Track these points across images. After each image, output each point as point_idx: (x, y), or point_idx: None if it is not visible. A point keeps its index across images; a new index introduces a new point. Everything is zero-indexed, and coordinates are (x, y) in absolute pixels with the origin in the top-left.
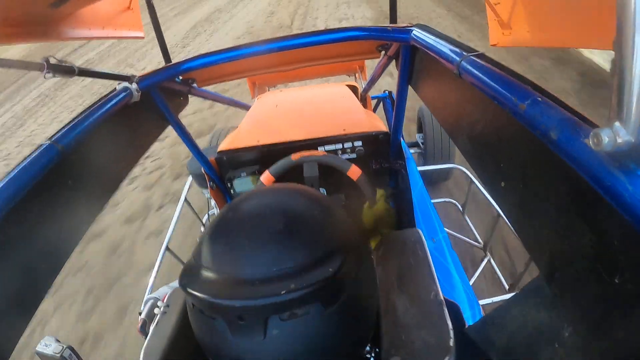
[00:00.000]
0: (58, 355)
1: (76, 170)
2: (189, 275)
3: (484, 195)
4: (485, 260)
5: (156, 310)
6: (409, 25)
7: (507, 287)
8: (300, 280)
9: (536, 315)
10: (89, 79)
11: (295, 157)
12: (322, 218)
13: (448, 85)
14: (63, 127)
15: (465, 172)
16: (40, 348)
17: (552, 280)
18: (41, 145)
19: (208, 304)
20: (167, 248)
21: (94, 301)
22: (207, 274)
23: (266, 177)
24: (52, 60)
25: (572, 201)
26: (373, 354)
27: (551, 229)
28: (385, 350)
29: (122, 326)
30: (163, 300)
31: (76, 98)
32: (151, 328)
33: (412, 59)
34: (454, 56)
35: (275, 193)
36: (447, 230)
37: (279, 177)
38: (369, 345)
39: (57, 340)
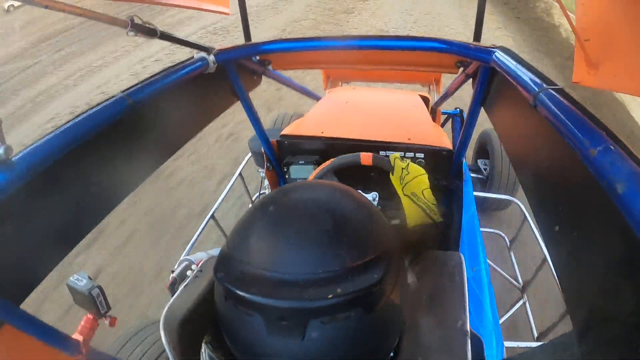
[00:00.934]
0: (86, 292)
1: (142, 125)
2: (227, 267)
3: (534, 234)
4: (521, 303)
5: (188, 273)
6: (492, 46)
7: (536, 335)
8: (346, 285)
9: None
10: None
11: (311, 177)
12: (368, 222)
13: (522, 114)
14: (137, 83)
15: (520, 207)
16: (71, 282)
17: (584, 339)
18: (114, 96)
19: (247, 301)
20: (213, 216)
21: None
22: (247, 267)
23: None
24: (137, 20)
25: (624, 261)
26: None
27: (595, 286)
28: None
29: None
30: (197, 265)
31: None
32: (179, 288)
33: (489, 80)
34: (532, 86)
35: (323, 190)
36: (489, 262)
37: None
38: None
39: (89, 278)
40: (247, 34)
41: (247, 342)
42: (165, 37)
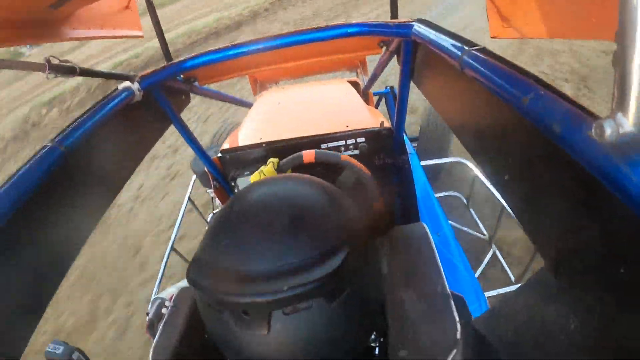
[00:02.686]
0: (67, 358)
1: (80, 171)
2: (196, 270)
3: (488, 188)
4: (491, 253)
5: (164, 310)
6: (410, 20)
7: (513, 278)
8: (303, 276)
9: (542, 307)
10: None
11: (312, 157)
12: (328, 210)
13: (450, 80)
14: (65, 129)
15: (468, 166)
16: (49, 350)
17: (558, 272)
18: (44, 147)
19: (215, 299)
20: (173, 248)
21: None
22: (213, 268)
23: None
24: (54, 61)
25: (576, 193)
26: (378, 344)
27: (556, 221)
28: (392, 345)
29: None
30: (170, 300)
31: None
32: (159, 328)
33: (413, 54)
34: (455, 51)
35: (281, 183)
36: (452, 223)
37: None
38: (374, 334)
39: (66, 343)
40: (167, 54)
41: (225, 339)
42: (85, 72)
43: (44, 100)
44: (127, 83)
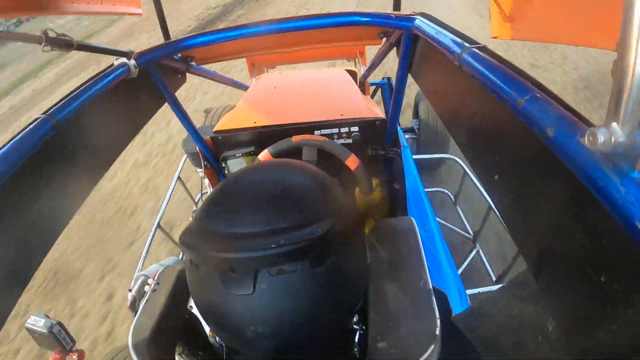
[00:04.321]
0: (47, 331)
1: (71, 144)
2: (189, 233)
3: (477, 186)
4: (474, 252)
5: (146, 288)
6: (413, 13)
7: (494, 278)
8: (289, 237)
9: (522, 307)
10: None
11: (296, 139)
12: (317, 188)
13: (448, 76)
14: (58, 102)
15: (459, 163)
16: (29, 324)
17: (540, 275)
18: (36, 119)
19: (202, 257)
20: (159, 226)
21: None
22: (205, 231)
23: (265, 155)
24: (51, 34)
25: (564, 198)
26: (360, 332)
27: (541, 224)
28: (372, 336)
29: None
30: (153, 278)
31: None
32: (141, 305)
33: (413, 47)
34: (455, 47)
35: (276, 165)
36: (439, 219)
37: (278, 158)
38: (357, 317)
39: (47, 316)
40: (165, 33)
41: (210, 302)
42: (82, 47)
43: None
44: (123, 59)
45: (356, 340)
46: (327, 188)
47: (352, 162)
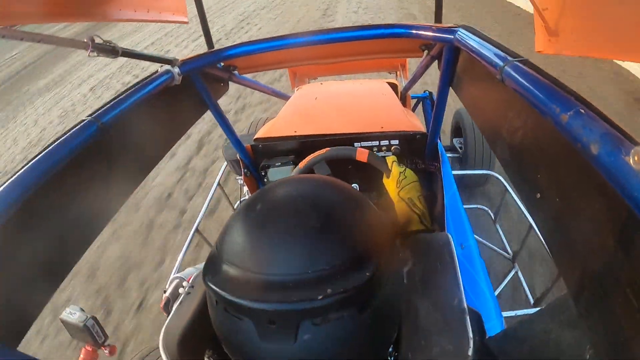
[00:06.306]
0: (81, 324)
1: (114, 147)
2: (215, 270)
3: (518, 205)
4: (513, 272)
5: (180, 290)
6: (454, 25)
7: (532, 301)
8: (336, 284)
9: (559, 332)
10: None
11: (302, 165)
12: (357, 216)
13: (490, 89)
14: (104, 105)
15: (500, 180)
16: (64, 316)
17: (579, 299)
18: (82, 120)
19: (235, 305)
20: (197, 230)
21: None
22: (233, 270)
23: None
24: (97, 40)
25: (608, 220)
26: (392, 357)
27: (584, 247)
28: (403, 353)
29: None
30: (188, 281)
31: None
32: (174, 307)
33: (454, 60)
34: (497, 60)
35: (308, 184)
36: (477, 237)
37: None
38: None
39: (82, 310)
40: (209, 42)
41: (240, 346)
42: (127, 54)
43: None
44: (167, 66)
45: None
46: (367, 213)
47: (361, 154)
